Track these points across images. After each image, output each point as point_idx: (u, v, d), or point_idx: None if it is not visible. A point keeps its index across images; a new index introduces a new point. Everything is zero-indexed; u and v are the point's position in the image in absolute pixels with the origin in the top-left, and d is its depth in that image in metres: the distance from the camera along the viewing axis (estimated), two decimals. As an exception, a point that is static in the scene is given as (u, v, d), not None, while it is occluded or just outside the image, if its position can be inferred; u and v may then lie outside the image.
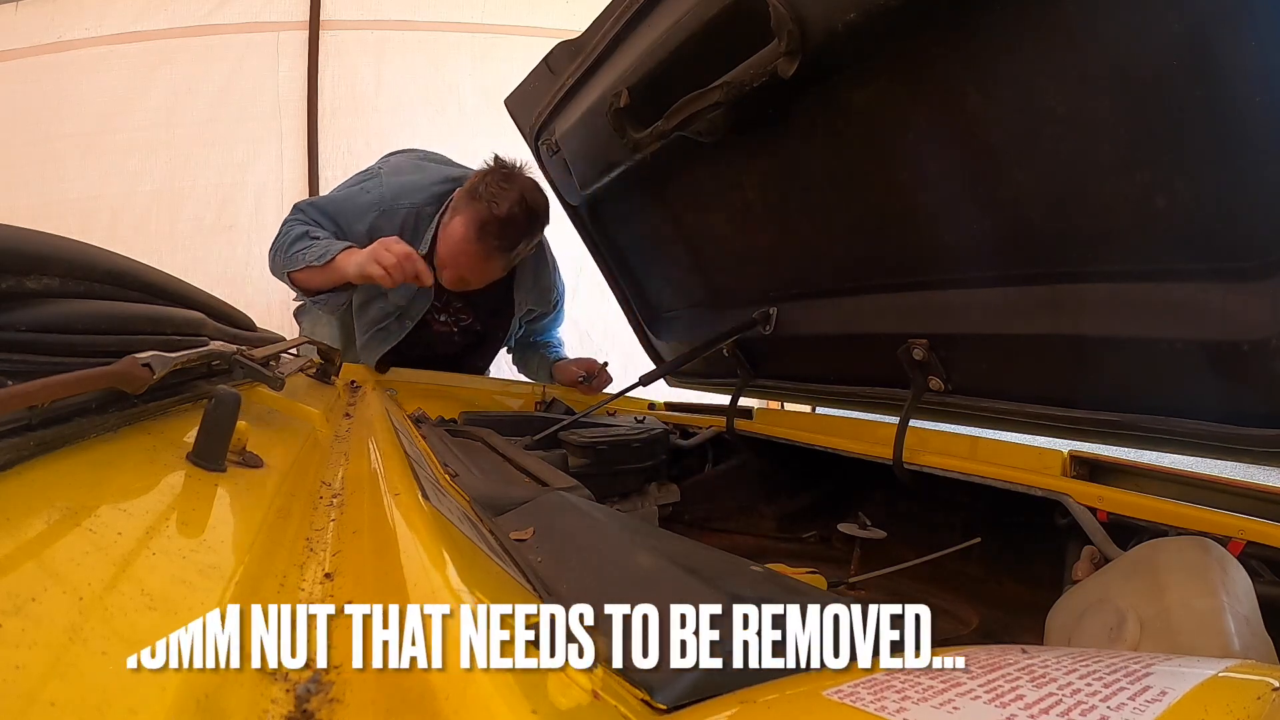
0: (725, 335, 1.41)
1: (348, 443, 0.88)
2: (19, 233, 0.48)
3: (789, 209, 1.17)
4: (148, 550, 0.35)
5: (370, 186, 1.65)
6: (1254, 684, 0.31)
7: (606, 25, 1.19)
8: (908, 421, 1.09)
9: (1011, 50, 0.74)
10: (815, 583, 0.79)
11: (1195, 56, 0.61)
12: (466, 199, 1.54)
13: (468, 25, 3.27)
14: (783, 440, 1.38)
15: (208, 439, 0.51)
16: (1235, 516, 0.76)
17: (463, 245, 1.54)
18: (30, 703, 0.22)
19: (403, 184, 1.65)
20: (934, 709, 0.26)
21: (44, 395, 0.40)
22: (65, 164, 2.89)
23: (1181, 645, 0.57)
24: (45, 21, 2.86)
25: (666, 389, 1.89)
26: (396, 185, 1.64)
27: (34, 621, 0.25)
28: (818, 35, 0.82)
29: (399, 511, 0.45)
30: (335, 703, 0.28)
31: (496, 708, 0.25)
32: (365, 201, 1.62)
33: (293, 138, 3.13)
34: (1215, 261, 0.70)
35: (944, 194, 0.91)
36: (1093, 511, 0.86)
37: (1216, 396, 0.75)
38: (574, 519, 0.60)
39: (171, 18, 2.95)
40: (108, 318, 0.58)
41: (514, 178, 1.55)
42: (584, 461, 1.29)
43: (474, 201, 1.52)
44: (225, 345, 0.76)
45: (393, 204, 1.61)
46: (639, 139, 1.15)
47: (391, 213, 1.61)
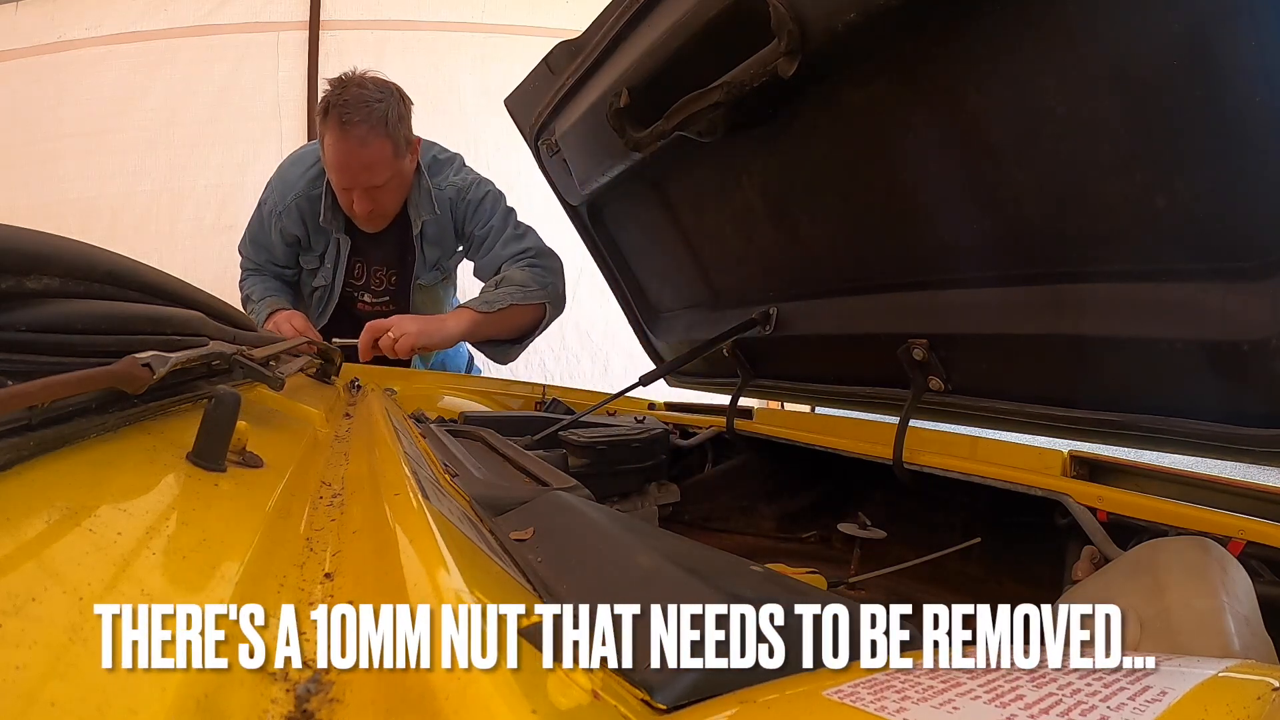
0: (725, 335, 1.41)
1: (348, 443, 0.88)
2: (19, 233, 0.48)
3: (789, 209, 1.17)
4: (148, 550, 0.35)
5: (264, 197, 1.77)
6: (1254, 684, 0.31)
7: (606, 25, 1.19)
8: (908, 421, 1.09)
9: (1011, 50, 0.74)
10: (815, 583, 0.79)
11: (1195, 56, 0.61)
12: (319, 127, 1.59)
13: (468, 25, 3.27)
14: (783, 440, 1.38)
15: (208, 439, 0.51)
16: (1235, 516, 0.76)
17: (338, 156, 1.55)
18: (30, 703, 0.22)
19: (283, 181, 1.74)
20: (934, 709, 0.26)
21: (44, 395, 0.40)
22: (65, 164, 2.89)
23: (1181, 645, 0.56)
24: (45, 21, 2.86)
25: (666, 389, 1.89)
26: (279, 186, 1.74)
27: (34, 621, 0.25)
28: (818, 35, 0.82)
29: (399, 511, 0.45)
30: (335, 703, 0.28)
31: (496, 708, 0.25)
32: (266, 215, 1.75)
33: (293, 138, 3.13)
34: (1215, 261, 0.70)
35: (944, 194, 0.91)
36: (1093, 511, 0.86)
37: (1216, 396, 0.75)
38: (574, 519, 0.60)
39: (171, 18, 2.96)
40: (108, 318, 0.58)
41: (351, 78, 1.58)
42: (584, 461, 1.29)
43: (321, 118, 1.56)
44: (225, 345, 0.76)
45: (284, 204, 1.69)
46: (639, 139, 1.15)
47: (287, 211, 1.70)
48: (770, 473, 1.50)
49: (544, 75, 1.46)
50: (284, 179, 1.76)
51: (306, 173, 1.72)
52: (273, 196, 1.75)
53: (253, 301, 1.78)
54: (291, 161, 1.81)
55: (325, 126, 1.57)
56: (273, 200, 1.74)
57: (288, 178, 1.75)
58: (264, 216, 1.77)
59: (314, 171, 1.72)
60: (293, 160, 1.81)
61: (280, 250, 1.77)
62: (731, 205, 1.25)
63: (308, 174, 1.72)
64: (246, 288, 1.83)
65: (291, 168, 1.77)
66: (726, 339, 1.41)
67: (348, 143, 1.55)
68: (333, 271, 1.79)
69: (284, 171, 1.79)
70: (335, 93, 1.57)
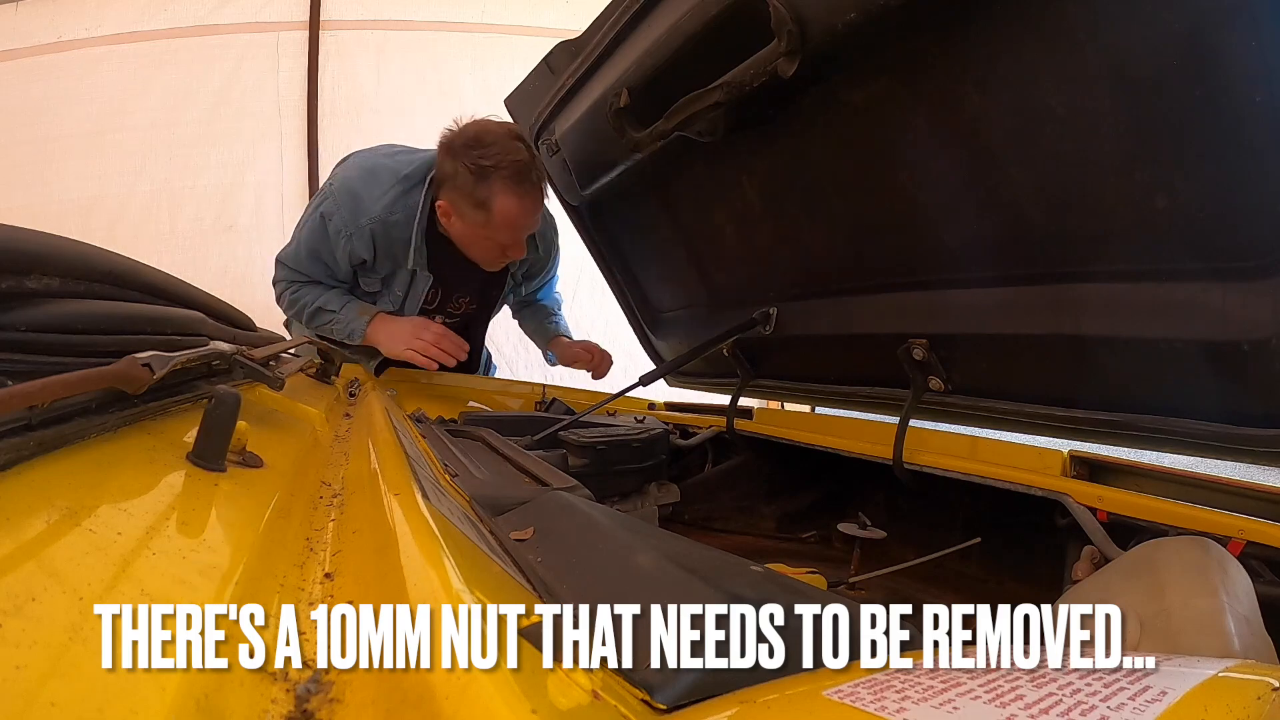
0: (725, 335, 1.41)
1: (348, 443, 0.88)
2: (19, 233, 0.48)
3: (789, 209, 1.17)
4: (148, 550, 0.35)
5: (329, 211, 1.57)
6: (1254, 684, 0.31)
7: (606, 25, 1.19)
8: (908, 421, 1.09)
9: (1011, 50, 0.74)
10: (815, 583, 0.79)
11: (1195, 56, 0.61)
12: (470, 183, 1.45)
13: (468, 25, 3.27)
14: (783, 440, 1.39)
15: (208, 439, 0.51)
16: (1235, 516, 0.76)
17: (519, 219, 1.51)
18: (30, 703, 0.22)
19: (354, 199, 1.56)
20: (934, 709, 0.26)
21: (44, 395, 0.40)
22: (65, 164, 2.89)
23: (1181, 645, 0.56)
24: (45, 21, 2.86)
25: (666, 389, 1.89)
26: (348, 203, 1.57)
27: (34, 621, 0.25)
28: (818, 35, 0.82)
29: (399, 511, 0.45)
30: (335, 703, 0.28)
31: (496, 708, 0.25)
32: (332, 231, 1.57)
33: (293, 138, 3.14)
34: (1215, 261, 0.70)
35: (944, 194, 0.91)
36: (1093, 511, 0.86)
37: (1216, 396, 0.75)
38: (574, 519, 0.60)
39: (171, 18, 2.96)
40: (108, 318, 0.58)
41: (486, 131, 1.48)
42: (584, 461, 1.29)
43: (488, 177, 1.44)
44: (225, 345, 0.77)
45: (355, 225, 1.56)
46: (639, 139, 1.15)
47: (359, 233, 1.56)
48: (770, 473, 1.50)
49: (544, 75, 1.46)
50: (354, 197, 1.56)
51: (382, 197, 1.56)
52: (341, 213, 1.56)
53: (329, 312, 1.59)
54: (361, 176, 1.59)
55: (493, 188, 1.45)
56: (341, 218, 1.56)
57: (360, 197, 1.56)
58: (329, 232, 1.57)
59: (390, 195, 1.56)
60: (363, 175, 1.59)
61: (344, 267, 1.61)
62: (731, 205, 1.25)
63: (383, 198, 1.56)
64: (306, 297, 1.62)
65: (363, 185, 1.58)
66: (726, 339, 1.41)
67: (528, 204, 1.50)
68: (403, 299, 1.66)
69: (352, 187, 1.57)
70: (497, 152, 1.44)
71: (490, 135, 1.45)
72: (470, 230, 1.53)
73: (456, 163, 1.46)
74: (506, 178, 1.44)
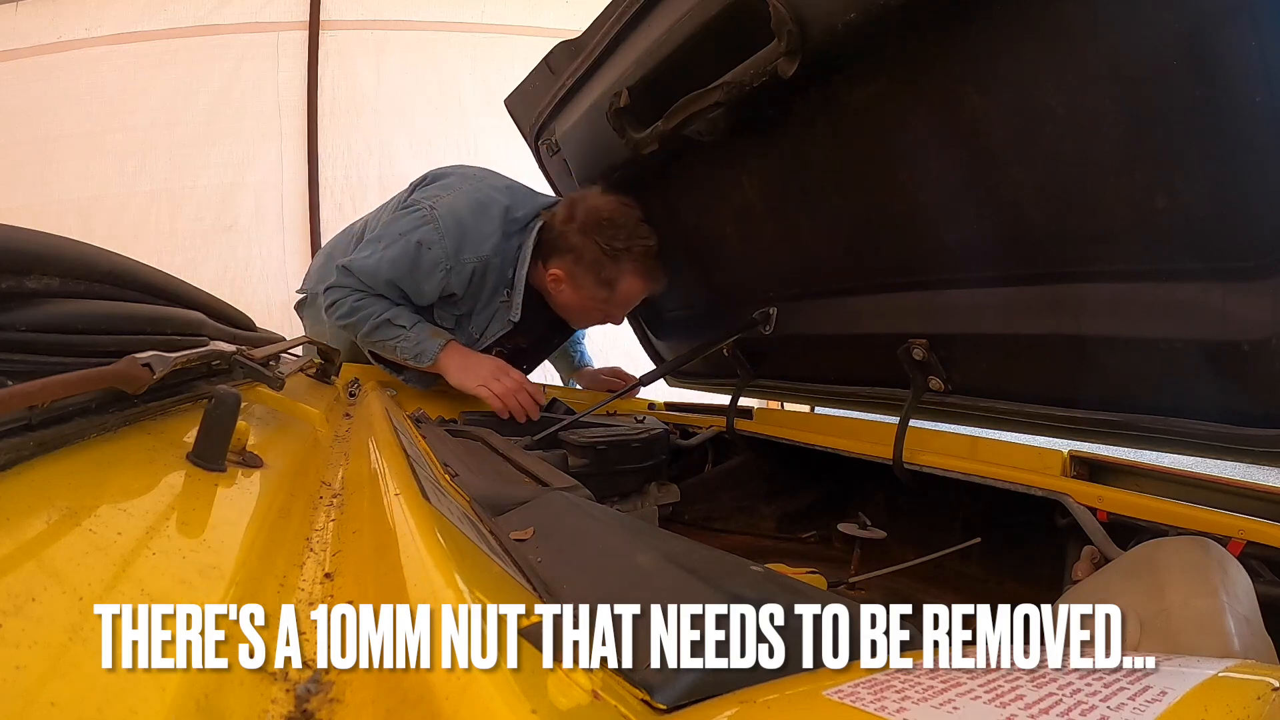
0: (725, 335, 1.41)
1: (348, 443, 0.88)
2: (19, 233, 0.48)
3: (789, 209, 1.17)
4: (148, 550, 0.35)
5: (428, 240, 1.45)
6: (1254, 684, 0.31)
7: (606, 25, 1.19)
8: (908, 421, 1.09)
9: (1011, 50, 0.74)
10: (815, 583, 0.79)
11: (1195, 56, 0.61)
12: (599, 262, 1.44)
13: (468, 25, 3.27)
14: (783, 440, 1.39)
15: (208, 439, 0.51)
16: (1235, 516, 0.76)
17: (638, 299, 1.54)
18: (30, 703, 0.22)
19: (464, 236, 1.47)
20: (934, 709, 0.26)
21: (44, 395, 0.40)
22: (65, 164, 2.89)
23: (1181, 645, 0.56)
24: (45, 21, 2.86)
25: (666, 389, 1.90)
26: (458, 237, 1.47)
27: (34, 621, 0.25)
28: (818, 35, 0.82)
29: (399, 511, 0.45)
30: (335, 703, 0.28)
31: (496, 708, 0.25)
32: (429, 261, 1.45)
33: (293, 138, 3.14)
34: (1215, 261, 0.70)
35: (944, 194, 0.91)
36: (1093, 511, 0.86)
37: (1216, 396, 0.75)
38: (574, 519, 0.60)
39: (171, 18, 2.96)
40: (108, 318, 0.58)
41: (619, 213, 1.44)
42: (584, 461, 1.29)
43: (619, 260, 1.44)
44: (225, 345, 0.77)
45: (458, 259, 1.47)
46: (639, 139, 1.15)
47: (459, 269, 1.47)
48: (770, 473, 1.50)
49: (544, 75, 1.46)
50: (462, 230, 1.47)
51: (491, 235, 1.48)
52: (444, 244, 1.45)
53: (398, 327, 1.49)
54: (472, 209, 1.49)
55: (622, 269, 1.45)
56: (443, 249, 1.45)
57: (468, 232, 1.47)
58: (422, 261, 1.45)
59: (497, 236, 1.49)
60: (473, 208, 1.49)
61: (430, 297, 1.51)
62: (732, 205, 1.25)
63: (491, 237, 1.48)
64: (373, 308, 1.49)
65: (473, 219, 1.48)
66: (726, 339, 1.41)
67: (651, 286, 1.51)
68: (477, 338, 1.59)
69: (461, 219, 1.48)
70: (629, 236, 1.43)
71: (623, 217, 1.44)
72: (582, 301, 1.52)
73: (586, 239, 1.44)
74: (637, 262, 1.46)
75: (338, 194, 3.19)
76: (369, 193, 3.19)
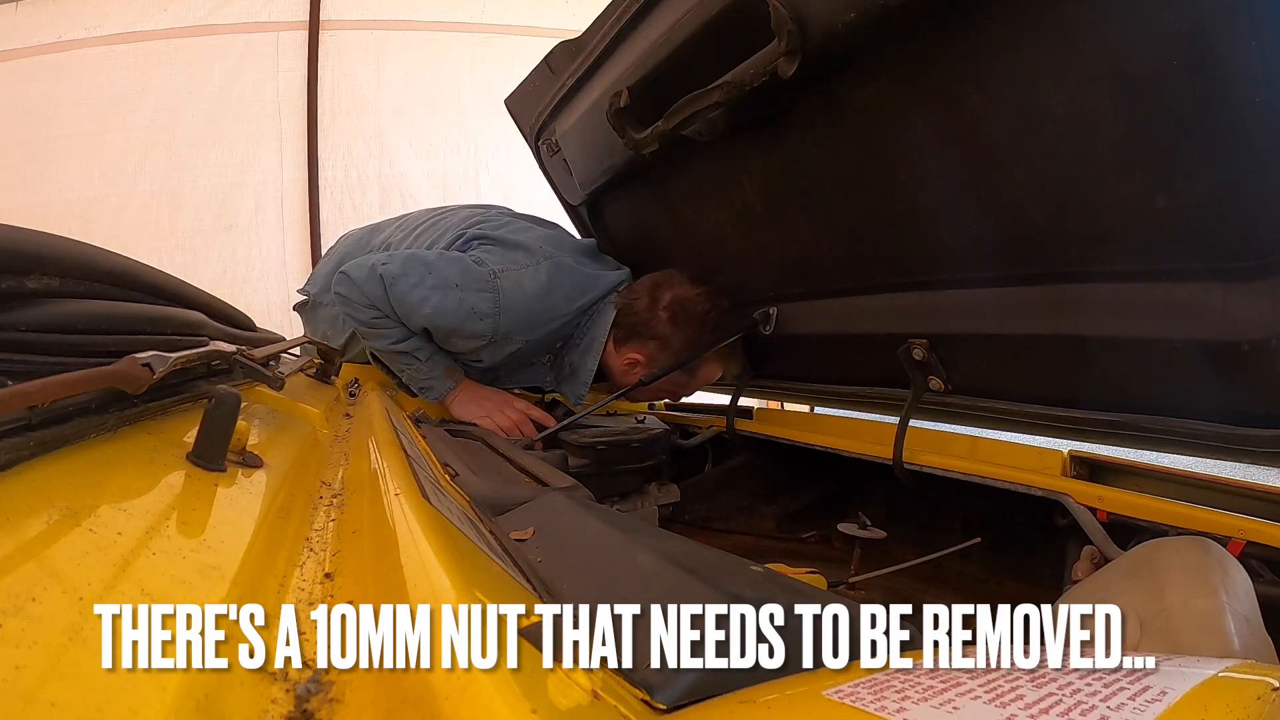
0: (725, 335, 1.41)
1: (348, 443, 0.88)
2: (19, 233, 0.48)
3: (789, 209, 1.17)
4: (148, 550, 0.35)
5: (484, 311, 1.35)
6: (1254, 684, 0.31)
7: (606, 25, 1.19)
8: (908, 421, 1.09)
9: (1011, 50, 0.74)
10: (815, 583, 0.79)
11: (1195, 56, 0.61)
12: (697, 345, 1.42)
13: (468, 25, 3.27)
14: (783, 440, 1.39)
15: (208, 439, 0.51)
16: (1235, 516, 0.76)
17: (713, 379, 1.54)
18: (30, 703, 0.22)
19: (520, 321, 1.39)
20: (934, 709, 0.26)
21: (44, 395, 0.40)
22: (65, 164, 2.89)
23: (1181, 645, 0.56)
24: (45, 21, 2.86)
25: (666, 389, 1.89)
26: (513, 322, 1.38)
27: (34, 621, 0.25)
28: (818, 35, 0.82)
29: (399, 511, 0.45)
30: (335, 703, 0.28)
31: (496, 708, 0.25)
32: (472, 330, 1.36)
33: (293, 138, 3.14)
34: (1215, 261, 0.70)
35: (944, 194, 0.91)
36: (1093, 511, 0.86)
37: (1216, 396, 0.75)
38: (574, 519, 0.60)
39: (171, 18, 2.96)
40: (108, 318, 0.58)
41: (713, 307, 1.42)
42: (584, 461, 1.29)
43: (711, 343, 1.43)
44: (225, 345, 0.77)
45: (505, 337, 1.39)
46: (639, 139, 1.15)
47: (500, 344, 1.39)
48: (770, 473, 1.50)
49: (544, 75, 1.46)
50: (520, 313, 1.38)
51: (549, 323, 1.43)
52: (496, 320, 1.36)
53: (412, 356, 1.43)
54: (541, 295, 1.40)
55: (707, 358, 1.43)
56: (493, 325, 1.36)
57: (532, 322, 1.40)
58: (467, 328, 1.35)
59: (562, 320, 1.44)
60: (543, 293, 1.40)
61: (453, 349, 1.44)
62: (732, 205, 1.25)
63: (550, 324, 1.43)
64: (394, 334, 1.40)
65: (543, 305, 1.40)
66: (726, 339, 1.41)
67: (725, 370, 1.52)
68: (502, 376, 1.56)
69: (531, 307, 1.39)
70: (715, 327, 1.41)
71: (714, 310, 1.42)
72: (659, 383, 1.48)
73: (675, 331, 1.41)
74: (720, 352, 1.45)
75: (338, 194, 3.20)
76: (369, 193, 3.20)
